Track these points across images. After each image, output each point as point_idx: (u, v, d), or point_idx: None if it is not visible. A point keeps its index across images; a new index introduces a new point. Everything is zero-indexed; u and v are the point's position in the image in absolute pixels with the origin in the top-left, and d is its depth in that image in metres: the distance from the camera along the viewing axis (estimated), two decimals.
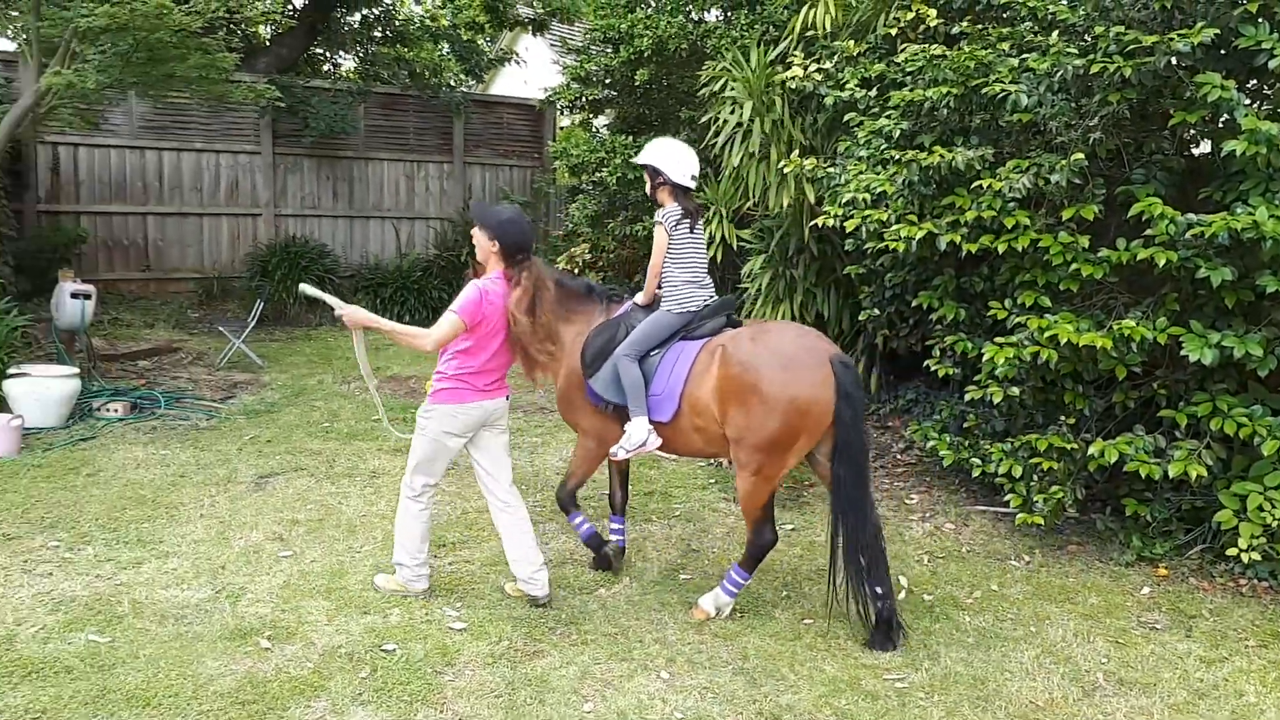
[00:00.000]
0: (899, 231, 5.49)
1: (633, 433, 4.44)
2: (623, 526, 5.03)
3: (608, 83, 10.05)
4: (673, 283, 4.62)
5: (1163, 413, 5.10)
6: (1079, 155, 4.99)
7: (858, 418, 4.15)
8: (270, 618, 4.19)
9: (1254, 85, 5.38)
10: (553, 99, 10.87)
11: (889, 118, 5.94)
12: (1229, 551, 4.88)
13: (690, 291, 4.60)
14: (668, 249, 4.61)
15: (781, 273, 7.47)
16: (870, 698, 3.79)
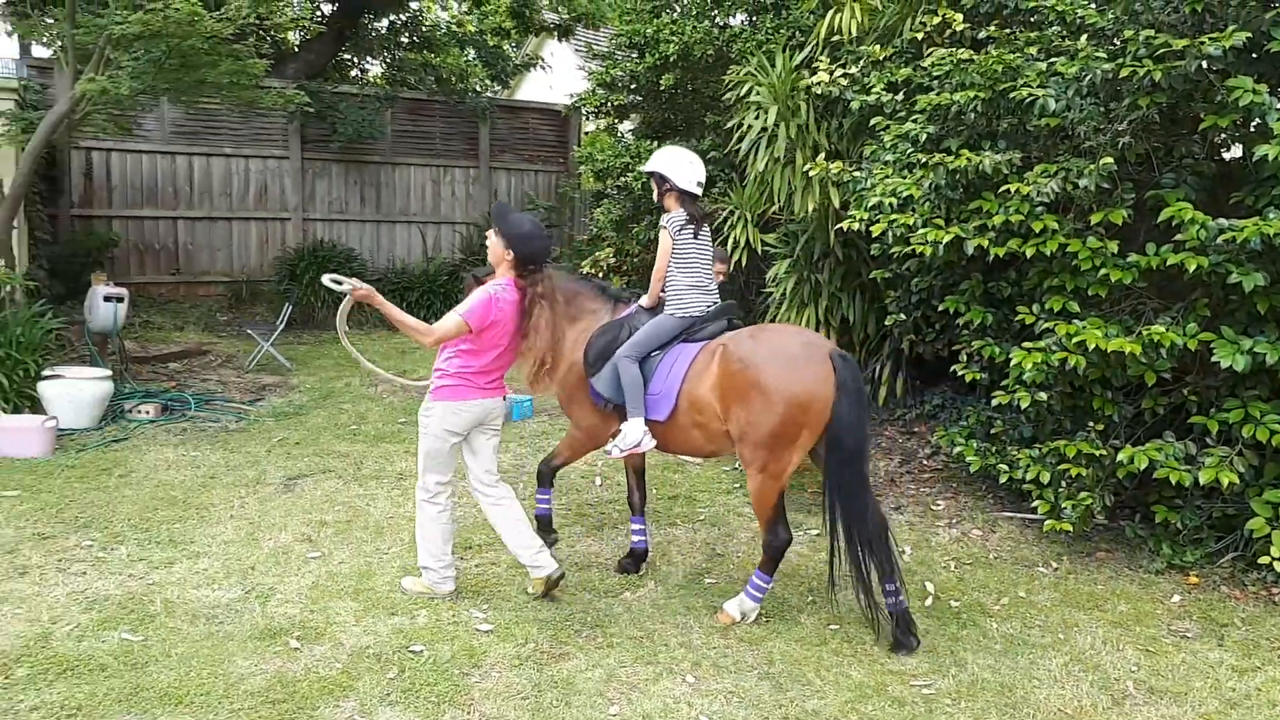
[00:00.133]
0: (926, 235, 5.48)
1: (628, 433, 4.53)
2: (643, 527, 5.06)
3: (633, 88, 10.08)
4: (676, 287, 4.69)
5: (1193, 419, 5.05)
6: (1108, 159, 4.97)
7: (857, 412, 4.18)
8: (299, 618, 4.23)
9: None
10: (578, 104, 10.92)
11: (915, 122, 5.93)
12: (1261, 560, 4.83)
13: (693, 296, 4.68)
14: (672, 253, 4.69)
15: (806, 277, 7.47)
16: (897, 704, 3.77)
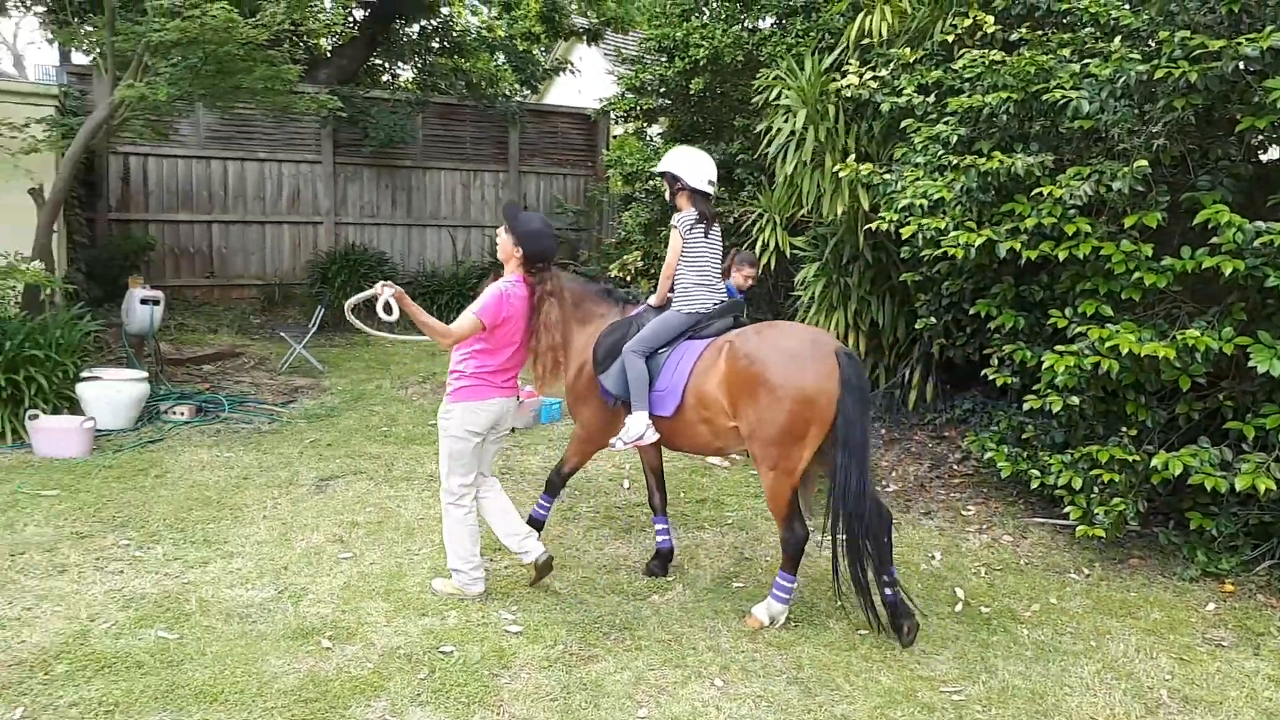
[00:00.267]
0: (957, 238, 5.45)
1: (631, 425, 4.61)
2: (666, 526, 5.09)
3: (662, 92, 10.10)
4: (684, 284, 4.77)
5: (1229, 424, 4.99)
6: (1142, 162, 4.92)
7: (861, 408, 4.21)
8: (331, 618, 4.28)
9: None
10: (607, 109, 10.96)
11: (947, 124, 5.90)
12: None
13: (700, 294, 4.74)
14: (682, 251, 4.76)
15: (835, 280, 7.45)
16: (926, 710, 3.75)
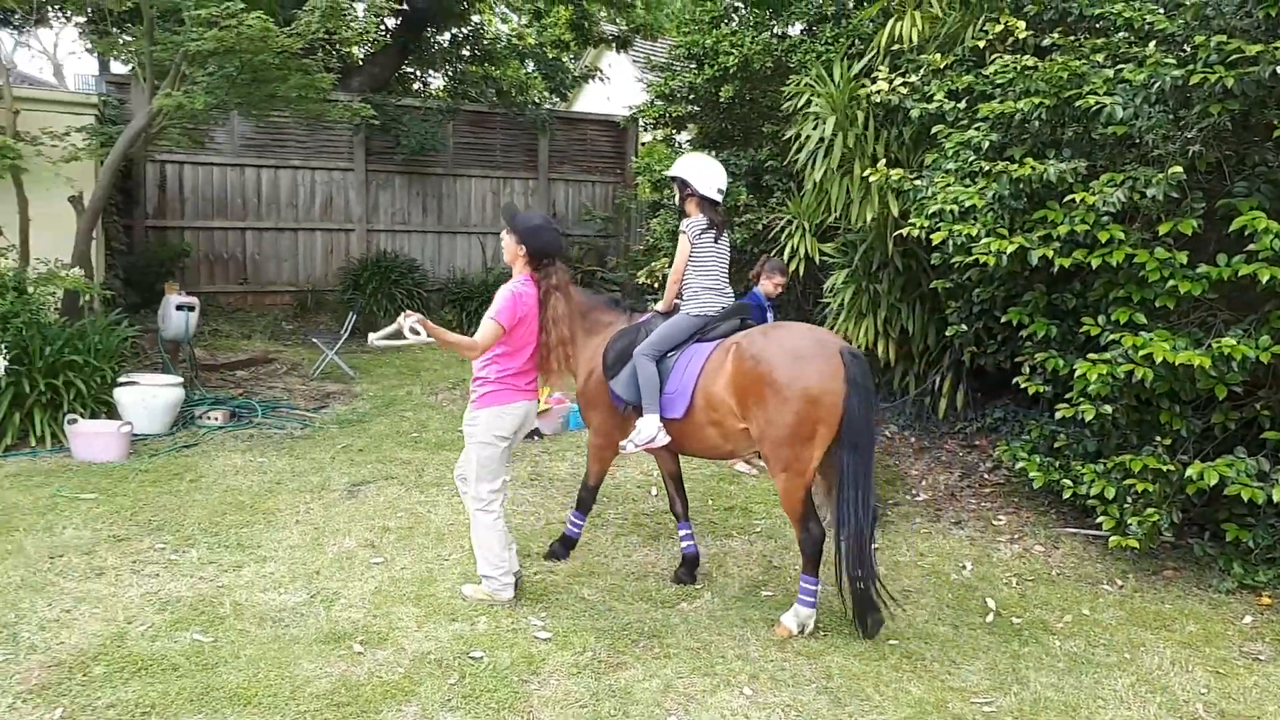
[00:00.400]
0: (989, 245, 5.41)
1: (643, 428, 4.67)
2: (690, 532, 5.11)
3: (691, 99, 10.12)
4: (693, 288, 4.85)
5: (1266, 434, 4.92)
6: (1177, 168, 4.87)
7: (866, 408, 4.22)
8: (363, 623, 4.32)
9: None
10: (636, 116, 10.98)
11: (978, 129, 5.86)
12: None
13: (709, 297, 4.82)
14: (690, 256, 4.84)
15: (865, 287, 7.42)
16: None
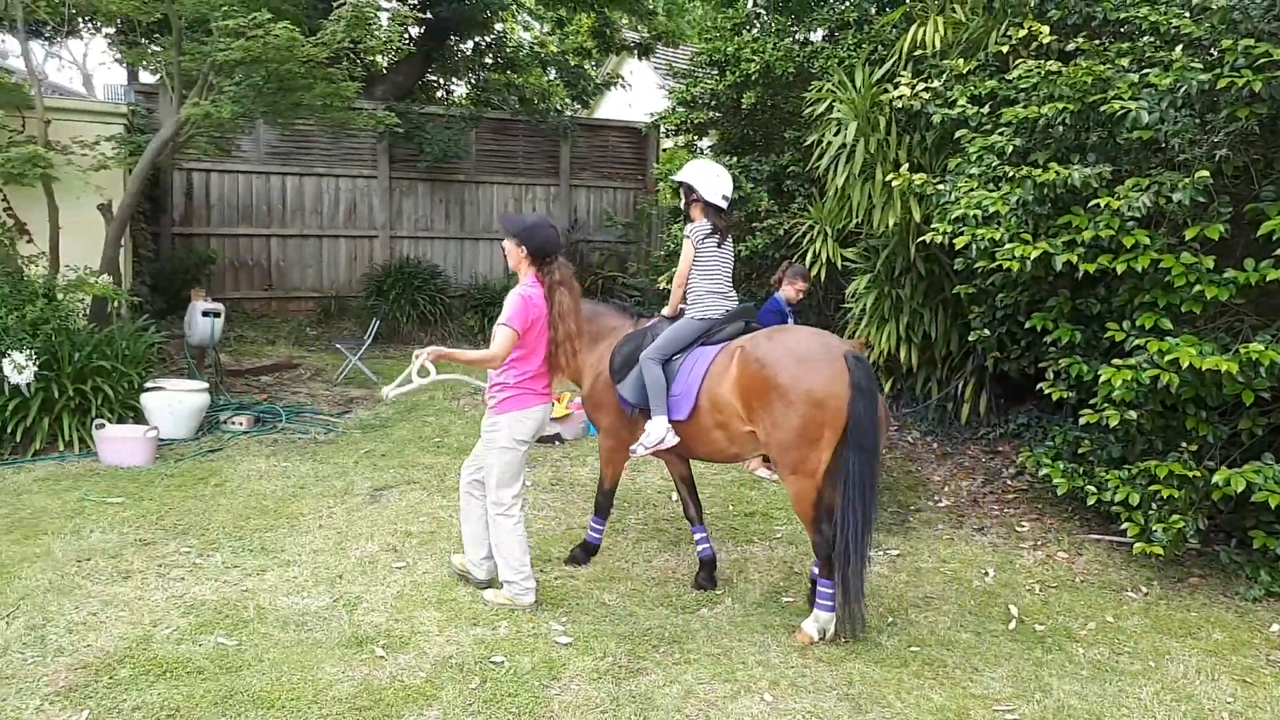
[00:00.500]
0: (1013, 251, 5.38)
1: (652, 430, 4.74)
2: (705, 535, 5.13)
3: (712, 105, 10.13)
4: (697, 292, 4.92)
5: None
6: (1203, 172, 4.83)
7: (872, 412, 4.23)
8: (385, 627, 4.34)
9: None
10: (658, 123, 11.00)
11: (1001, 134, 5.84)
12: None
13: (713, 301, 4.90)
14: (694, 261, 4.92)
15: (887, 292, 7.40)
16: None
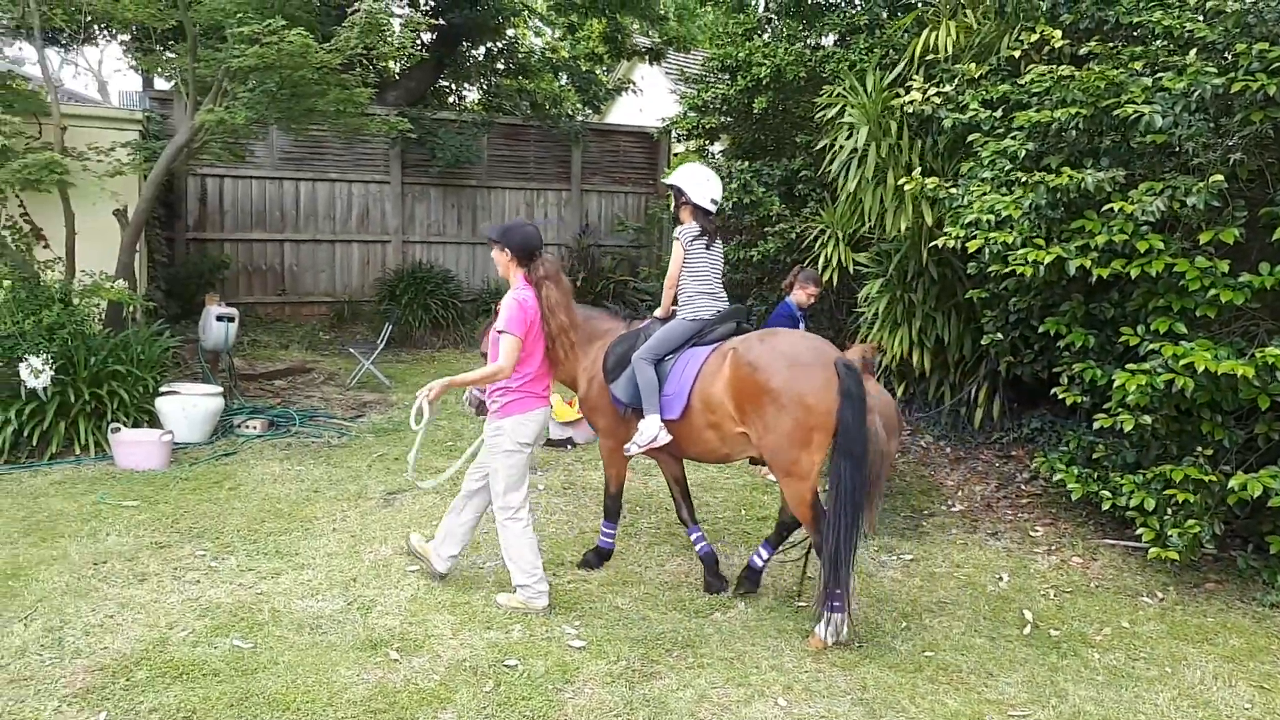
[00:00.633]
0: (1026, 255, 5.37)
1: (645, 429, 4.77)
2: (701, 534, 5.15)
3: (724, 110, 10.14)
4: (688, 293, 4.98)
5: None
6: (1218, 177, 4.82)
7: (861, 419, 4.25)
8: (399, 630, 4.36)
9: None
10: (669, 127, 11.01)
11: (1014, 139, 5.83)
12: None
13: (704, 301, 4.96)
14: (684, 262, 4.98)
15: (900, 297, 7.39)
16: None
